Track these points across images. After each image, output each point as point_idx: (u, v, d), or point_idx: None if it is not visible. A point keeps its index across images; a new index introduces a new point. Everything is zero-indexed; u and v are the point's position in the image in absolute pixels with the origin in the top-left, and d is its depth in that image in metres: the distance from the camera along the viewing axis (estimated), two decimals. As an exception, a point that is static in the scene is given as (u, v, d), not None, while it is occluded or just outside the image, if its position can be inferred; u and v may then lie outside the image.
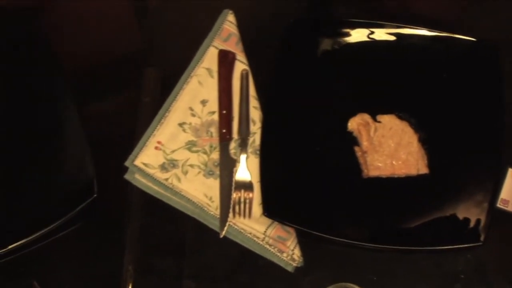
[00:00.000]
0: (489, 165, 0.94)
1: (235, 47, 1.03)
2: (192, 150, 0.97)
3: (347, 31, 1.03)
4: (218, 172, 0.96)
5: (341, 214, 0.93)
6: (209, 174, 0.96)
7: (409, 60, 1.01)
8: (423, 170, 0.94)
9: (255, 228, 0.92)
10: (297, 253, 0.91)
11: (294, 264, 0.91)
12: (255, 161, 0.96)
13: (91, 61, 1.07)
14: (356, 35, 1.02)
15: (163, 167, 0.96)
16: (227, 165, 0.96)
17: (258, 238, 0.92)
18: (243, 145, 0.96)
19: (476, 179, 0.93)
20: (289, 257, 0.91)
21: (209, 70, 1.02)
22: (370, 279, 0.91)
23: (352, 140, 0.97)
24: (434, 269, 0.92)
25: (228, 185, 0.94)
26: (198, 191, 0.95)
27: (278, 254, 0.92)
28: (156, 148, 0.97)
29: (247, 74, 1.01)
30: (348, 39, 1.02)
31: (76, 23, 1.09)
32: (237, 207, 0.93)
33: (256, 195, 0.94)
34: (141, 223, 0.95)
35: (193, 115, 0.99)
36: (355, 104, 0.98)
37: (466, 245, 0.90)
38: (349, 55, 1.02)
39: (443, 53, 1.01)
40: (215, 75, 1.01)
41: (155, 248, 0.94)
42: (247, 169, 0.95)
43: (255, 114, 0.99)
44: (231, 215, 0.93)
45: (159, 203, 0.95)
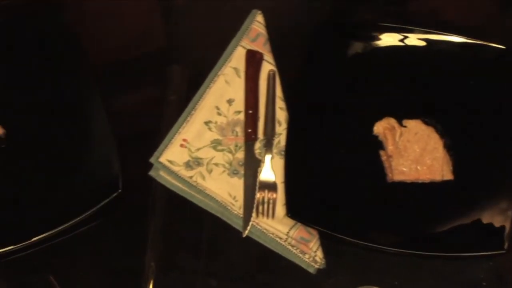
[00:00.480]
0: (514, 172, 0.94)
1: (262, 47, 1.03)
2: (217, 148, 0.97)
3: (376, 35, 1.03)
4: (242, 172, 0.96)
5: (364, 217, 0.93)
6: (233, 173, 0.96)
7: (437, 65, 1.01)
8: (448, 176, 0.94)
9: (278, 228, 0.92)
10: (319, 255, 0.91)
11: (316, 266, 0.91)
12: (279, 161, 0.96)
13: (117, 57, 1.08)
14: (385, 39, 1.02)
15: (188, 165, 0.96)
16: (251, 165, 0.96)
17: (280, 238, 0.92)
18: (268, 146, 0.97)
19: (501, 187, 0.93)
20: (311, 258, 0.91)
21: (236, 70, 1.02)
22: (391, 284, 0.91)
23: (377, 144, 0.96)
24: (455, 276, 0.92)
25: (252, 185, 0.94)
26: (222, 190, 0.95)
27: (300, 255, 0.91)
28: (182, 145, 0.97)
29: (274, 75, 1.01)
30: (376, 43, 1.03)
31: (104, 19, 1.10)
32: (260, 207, 0.93)
33: (279, 196, 0.94)
34: (164, 220, 0.95)
35: (219, 114, 0.99)
36: (381, 108, 0.98)
37: (489, 253, 0.90)
38: (377, 59, 1.02)
39: (471, 60, 1.00)
40: (242, 74, 1.01)
41: (178, 246, 0.94)
42: (271, 169, 0.95)
43: (281, 115, 0.99)
44: (254, 214, 0.93)
45: (182, 200, 0.95)
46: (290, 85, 1.01)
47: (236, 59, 1.03)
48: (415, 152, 0.95)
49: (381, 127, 0.97)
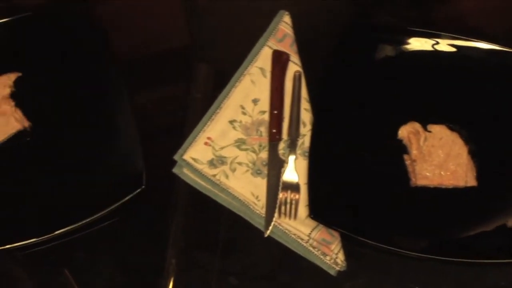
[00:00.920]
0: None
1: (289, 48, 1.03)
2: (241, 148, 0.98)
3: (405, 39, 1.03)
4: (266, 172, 0.96)
5: (387, 221, 0.93)
6: (257, 173, 0.96)
7: (463, 71, 1.01)
8: (471, 182, 0.94)
9: (300, 229, 0.93)
10: (340, 257, 0.91)
11: (337, 268, 0.91)
12: (303, 163, 0.96)
13: (143, 54, 1.09)
14: (413, 43, 1.03)
15: (212, 163, 0.96)
16: (275, 165, 0.96)
17: (302, 239, 0.92)
18: (292, 146, 0.97)
19: (524, 194, 0.93)
20: (332, 260, 0.91)
21: (262, 70, 1.02)
22: (411, 288, 0.91)
23: (401, 148, 0.97)
24: (475, 282, 0.92)
25: (275, 185, 0.94)
26: (245, 189, 0.95)
27: (322, 257, 0.92)
28: (206, 143, 0.97)
29: (299, 76, 1.01)
30: (404, 47, 1.03)
31: (130, 16, 1.11)
32: (283, 208, 0.94)
33: (302, 197, 0.94)
34: (186, 217, 0.95)
35: (244, 113, 1.00)
36: (406, 112, 0.98)
37: (511, 260, 0.90)
38: (403, 62, 1.02)
39: (497, 66, 1.00)
40: (268, 74, 1.02)
41: (199, 244, 0.94)
42: (295, 170, 0.95)
43: (306, 116, 0.99)
44: (276, 215, 0.93)
45: (205, 198, 0.95)
46: (316, 86, 1.01)
47: (263, 59, 1.03)
48: (439, 157, 0.95)
49: (405, 131, 0.97)
